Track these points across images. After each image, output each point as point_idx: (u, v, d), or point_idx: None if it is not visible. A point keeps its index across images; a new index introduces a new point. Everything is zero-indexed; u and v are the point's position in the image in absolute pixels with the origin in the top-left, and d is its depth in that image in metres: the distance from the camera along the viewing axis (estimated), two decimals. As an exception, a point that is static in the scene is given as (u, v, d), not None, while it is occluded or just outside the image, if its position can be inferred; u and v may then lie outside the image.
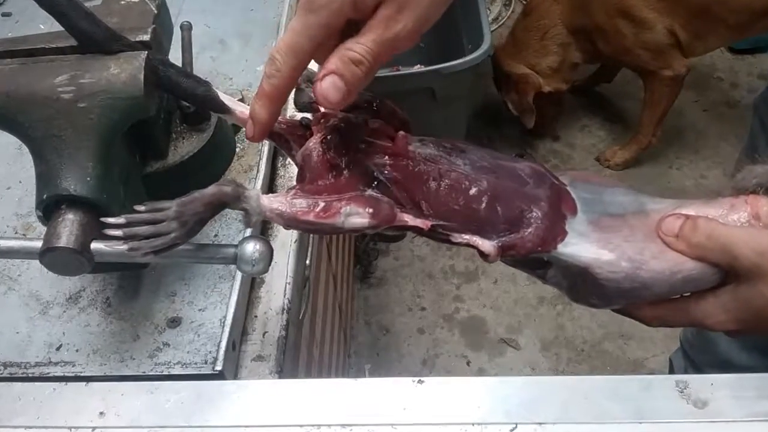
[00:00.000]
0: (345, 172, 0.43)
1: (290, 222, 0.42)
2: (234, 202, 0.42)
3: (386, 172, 0.43)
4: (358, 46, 0.40)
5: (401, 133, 0.45)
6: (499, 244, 0.43)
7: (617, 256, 0.43)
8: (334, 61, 0.40)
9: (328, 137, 0.43)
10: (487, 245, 0.43)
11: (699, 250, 0.44)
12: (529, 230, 0.44)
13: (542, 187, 0.45)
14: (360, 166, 0.43)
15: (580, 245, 0.44)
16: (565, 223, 0.44)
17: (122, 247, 0.43)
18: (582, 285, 0.46)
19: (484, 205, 0.43)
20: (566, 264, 0.44)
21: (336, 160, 0.43)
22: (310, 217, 0.41)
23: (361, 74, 0.40)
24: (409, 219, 0.43)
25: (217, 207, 0.43)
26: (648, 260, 0.44)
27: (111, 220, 0.43)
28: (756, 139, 0.93)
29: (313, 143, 0.43)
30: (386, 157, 0.43)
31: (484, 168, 0.45)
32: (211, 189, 0.43)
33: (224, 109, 0.47)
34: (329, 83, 0.40)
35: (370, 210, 0.41)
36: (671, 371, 1.19)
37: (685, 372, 1.11)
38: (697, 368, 1.07)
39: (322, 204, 0.41)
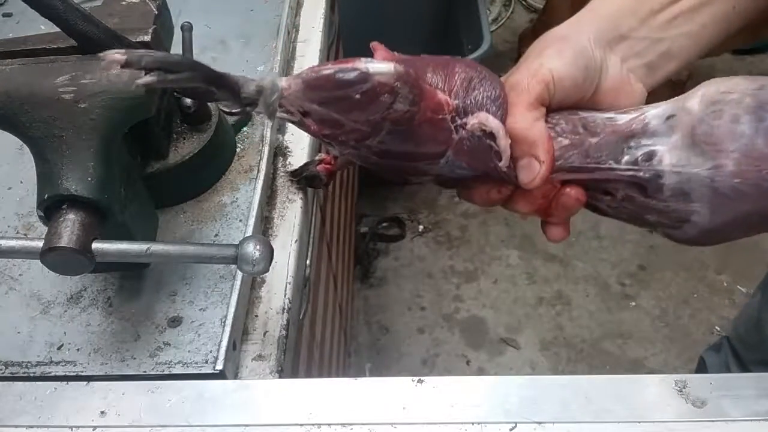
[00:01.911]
0: None
1: (314, 77, 0.39)
2: (248, 84, 0.40)
3: None
4: None
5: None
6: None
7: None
8: None
9: None
10: (493, 120, 0.43)
11: None
12: None
13: None
14: None
15: None
16: None
17: (119, 57, 0.37)
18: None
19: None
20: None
21: None
22: (330, 68, 0.39)
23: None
24: (436, 92, 0.42)
25: (226, 86, 0.40)
26: None
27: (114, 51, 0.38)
28: None
29: None
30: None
31: None
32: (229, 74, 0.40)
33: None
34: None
35: (395, 61, 0.40)
36: (701, 369, 1.17)
37: (726, 367, 1.09)
38: (743, 366, 1.05)
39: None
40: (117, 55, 0.37)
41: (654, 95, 0.49)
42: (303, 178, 0.65)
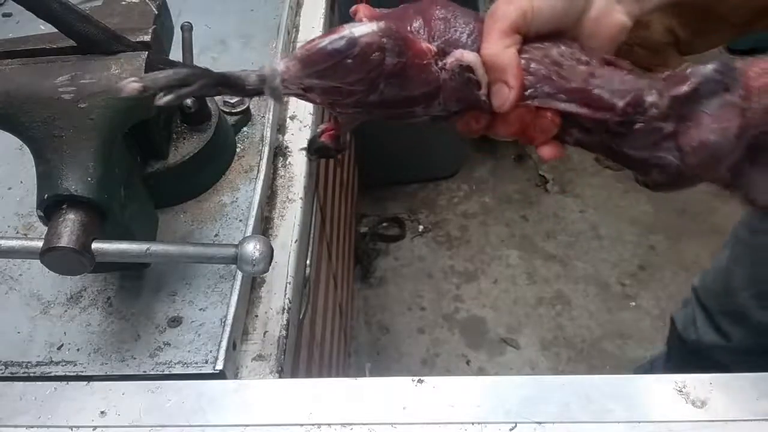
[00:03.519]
0: None
1: (307, 54, 0.42)
2: (250, 76, 0.43)
3: None
4: None
5: None
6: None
7: None
8: None
9: None
10: (468, 54, 0.45)
11: None
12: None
13: None
14: None
15: None
16: None
17: (137, 85, 0.41)
18: None
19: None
20: None
21: None
22: (320, 42, 0.41)
23: None
24: (418, 40, 0.44)
25: (233, 85, 0.43)
26: None
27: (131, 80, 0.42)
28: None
29: None
30: None
31: None
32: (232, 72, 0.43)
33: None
34: None
35: (377, 18, 0.43)
36: (672, 329, 1.18)
37: (693, 321, 1.11)
38: (709, 315, 1.07)
39: None
40: (134, 84, 0.40)
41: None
42: (314, 152, 0.66)
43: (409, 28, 0.46)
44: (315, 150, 0.66)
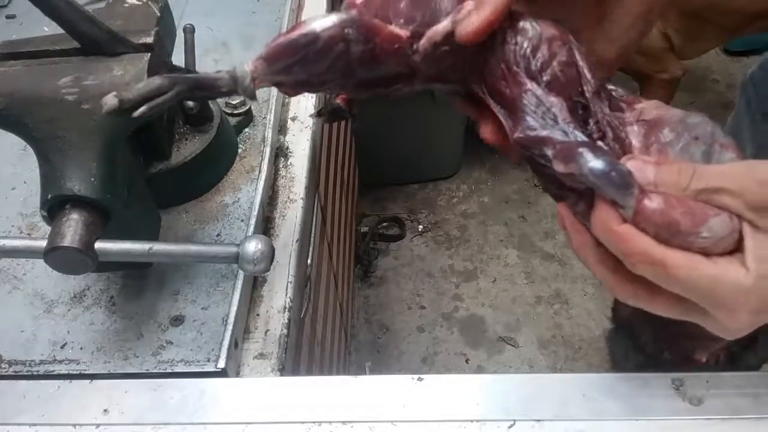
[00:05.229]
0: None
1: (271, 52, 0.42)
2: (223, 79, 0.43)
3: None
4: None
5: None
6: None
7: None
8: None
9: None
10: (439, 26, 0.43)
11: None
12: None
13: None
14: None
15: None
16: None
17: (114, 102, 0.42)
18: None
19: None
20: None
21: None
22: (282, 39, 0.41)
23: None
24: (385, 26, 0.43)
25: (207, 87, 0.43)
26: None
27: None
28: (740, 120, 0.93)
29: None
30: None
31: None
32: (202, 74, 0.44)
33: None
34: None
35: (337, 12, 0.42)
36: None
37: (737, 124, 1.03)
38: (750, 113, 0.99)
39: None
40: (112, 99, 0.42)
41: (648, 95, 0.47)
42: (327, 114, 0.65)
43: (390, 13, 0.44)
44: (330, 112, 0.64)
